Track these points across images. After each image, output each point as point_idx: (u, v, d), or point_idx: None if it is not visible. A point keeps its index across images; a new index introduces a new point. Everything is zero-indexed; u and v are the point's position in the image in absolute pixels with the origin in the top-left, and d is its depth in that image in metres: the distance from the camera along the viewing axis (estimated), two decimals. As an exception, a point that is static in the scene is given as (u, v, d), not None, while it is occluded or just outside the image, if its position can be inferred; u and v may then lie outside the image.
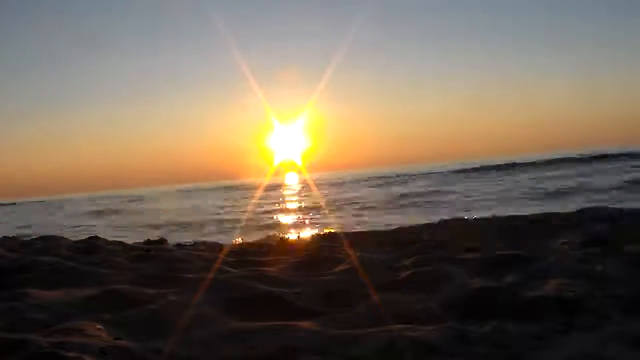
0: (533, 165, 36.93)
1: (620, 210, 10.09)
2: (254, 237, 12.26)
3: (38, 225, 24.20)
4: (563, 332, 3.24)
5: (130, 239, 12.33)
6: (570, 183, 21.50)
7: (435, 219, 12.55)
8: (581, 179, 22.86)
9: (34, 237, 13.33)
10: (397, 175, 44.39)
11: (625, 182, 19.66)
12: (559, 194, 18.16)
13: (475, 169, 39.55)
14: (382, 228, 12.10)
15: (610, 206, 11.22)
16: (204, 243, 10.48)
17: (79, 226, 22.48)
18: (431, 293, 4.26)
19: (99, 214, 30.48)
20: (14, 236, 13.26)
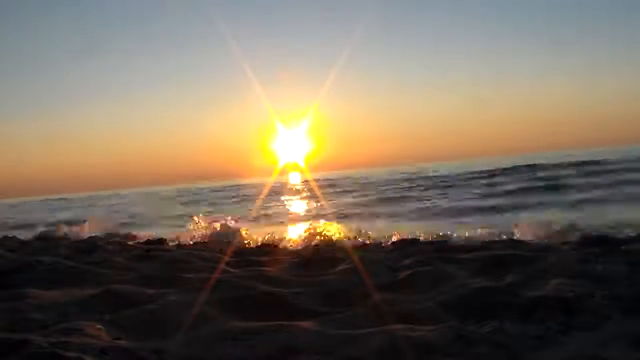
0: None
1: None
2: (254, 236, 12.26)
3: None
4: (563, 332, 3.24)
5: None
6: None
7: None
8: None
9: (34, 236, 13.34)
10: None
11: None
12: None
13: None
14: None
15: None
16: (204, 243, 10.48)
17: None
18: (431, 293, 4.26)
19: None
20: (13, 236, 13.26)
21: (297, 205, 26.07)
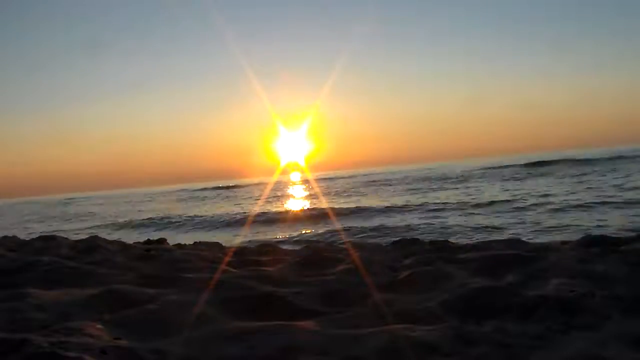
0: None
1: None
2: (255, 236, 12.27)
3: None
4: (563, 332, 3.24)
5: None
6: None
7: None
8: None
9: (34, 236, 13.34)
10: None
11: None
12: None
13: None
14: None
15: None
16: (204, 243, 10.47)
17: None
18: (431, 293, 4.26)
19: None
20: (13, 235, 13.25)
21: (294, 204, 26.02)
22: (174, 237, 13.79)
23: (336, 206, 22.28)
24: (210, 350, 3.14)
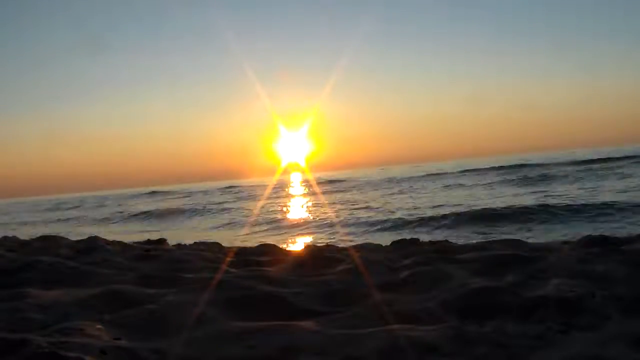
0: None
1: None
2: (255, 236, 12.27)
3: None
4: (563, 332, 3.24)
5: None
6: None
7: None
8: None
9: (34, 236, 13.34)
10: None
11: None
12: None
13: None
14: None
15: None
16: (204, 243, 10.47)
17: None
18: (431, 293, 4.26)
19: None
20: (13, 236, 13.25)
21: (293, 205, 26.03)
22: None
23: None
24: (210, 350, 3.14)
